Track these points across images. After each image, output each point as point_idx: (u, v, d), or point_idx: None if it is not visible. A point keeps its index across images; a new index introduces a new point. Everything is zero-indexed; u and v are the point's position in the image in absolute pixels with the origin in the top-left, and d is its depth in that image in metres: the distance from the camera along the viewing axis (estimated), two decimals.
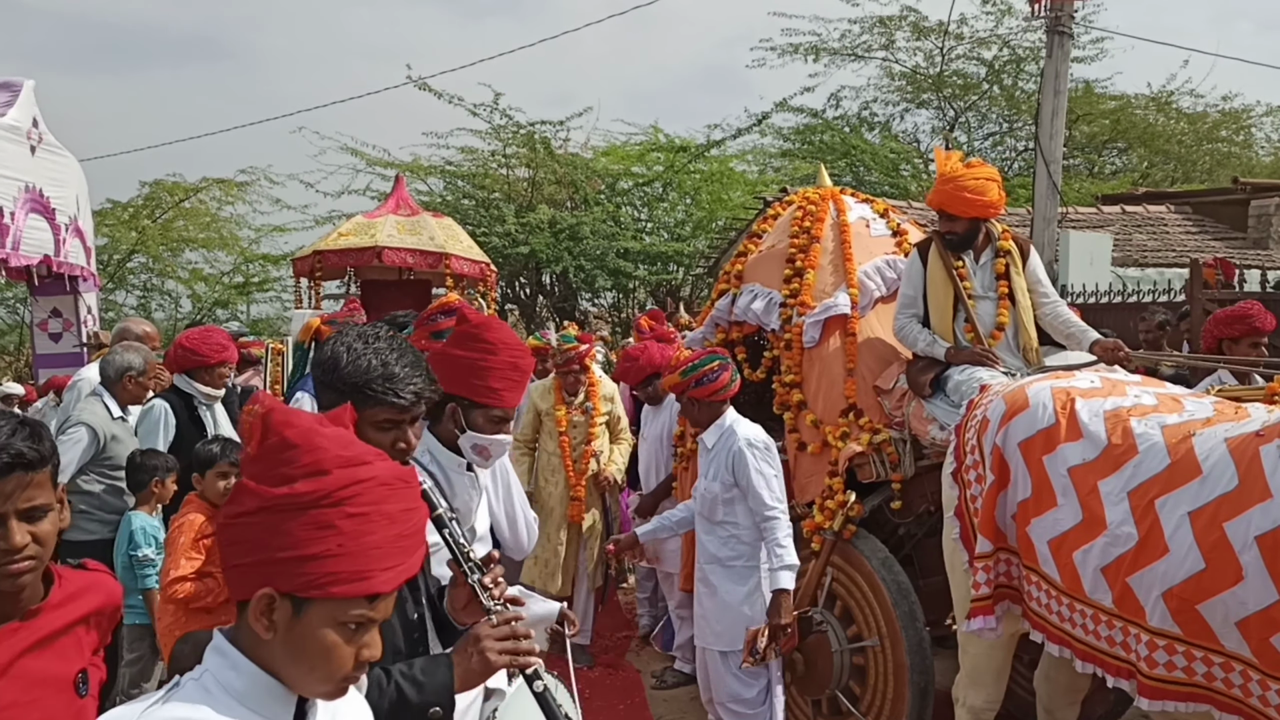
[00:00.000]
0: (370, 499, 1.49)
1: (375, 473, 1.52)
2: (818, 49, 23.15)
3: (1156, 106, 23.05)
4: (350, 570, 1.46)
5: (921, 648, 4.50)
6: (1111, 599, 3.34)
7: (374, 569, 1.47)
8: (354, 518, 1.47)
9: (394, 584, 1.51)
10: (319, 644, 1.47)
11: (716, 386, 4.50)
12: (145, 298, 19.19)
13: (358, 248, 9.50)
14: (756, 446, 4.43)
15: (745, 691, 4.49)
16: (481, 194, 17.03)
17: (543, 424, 6.37)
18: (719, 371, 4.51)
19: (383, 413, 2.23)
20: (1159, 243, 14.94)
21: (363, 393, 2.20)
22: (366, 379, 2.22)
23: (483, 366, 2.92)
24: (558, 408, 6.32)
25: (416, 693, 2.04)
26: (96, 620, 1.93)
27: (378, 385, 2.21)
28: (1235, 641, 3.05)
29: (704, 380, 4.51)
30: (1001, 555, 3.78)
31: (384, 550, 1.49)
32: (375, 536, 1.48)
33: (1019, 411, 3.72)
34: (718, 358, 4.62)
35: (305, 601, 1.46)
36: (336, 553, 1.45)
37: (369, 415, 2.20)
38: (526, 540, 3.59)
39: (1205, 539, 3.11)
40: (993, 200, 4.67)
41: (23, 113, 11.34)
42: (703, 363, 4.56)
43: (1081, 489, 3.47)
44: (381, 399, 2.21)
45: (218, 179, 18.63)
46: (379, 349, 2.26)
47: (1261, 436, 3.14)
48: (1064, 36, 9.93)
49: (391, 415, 2.24)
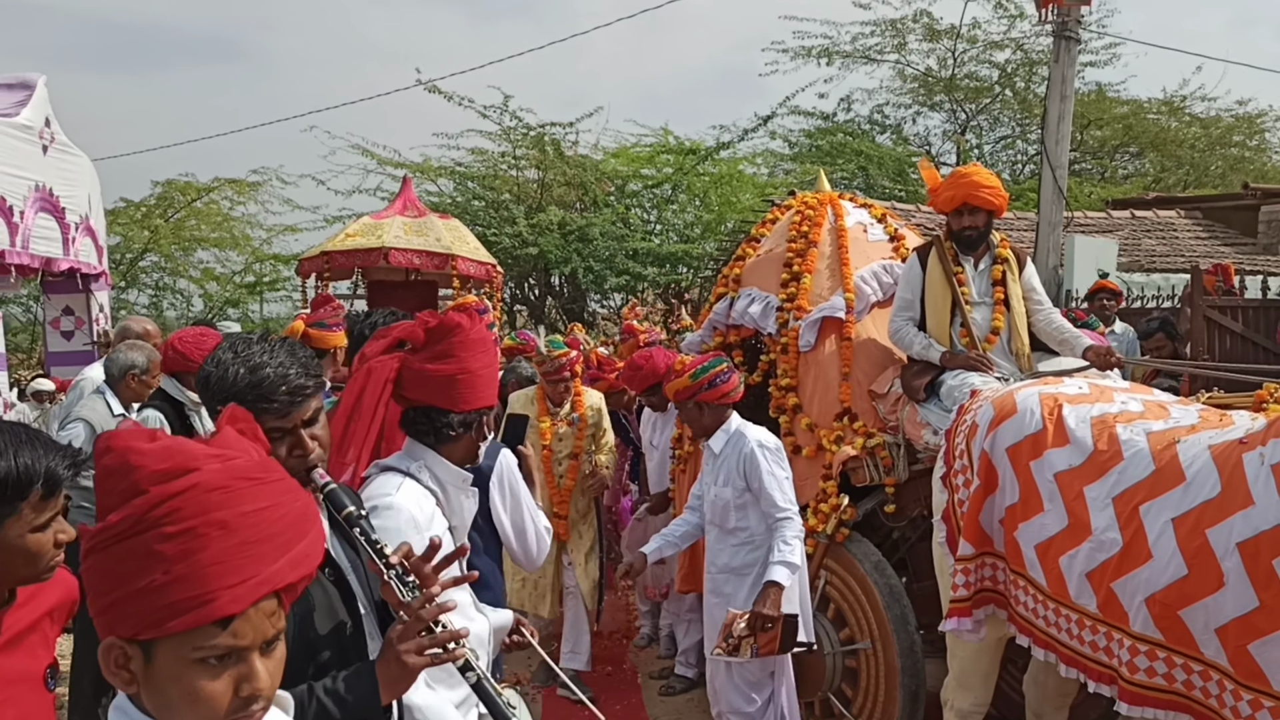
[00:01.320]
0: (194, 510, 1.28)
1: (199, 479, 1.30)
2: (829, 51, 23.17)
3: (1169, 111, 22.98)
4: (185, 598, 1.26)
5: (913, 651, 4.52)
6: (1096, 604, 3.37)
7: (215, 589, 1.26)
8: (176, 537, 1.27)
9: (248, 600, 1.30)
10: (181, 689, 1.28)
11: (727, 389, 4.52)
12: (157, 296, 19.32)
13: (364, 248, 9.55)
14: (768, 448, 4.44)
15: (745, 705, 4.49)
16: (491, 195, 17.09)
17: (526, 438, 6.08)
18: (729, 374, 4.54)
19: (266, 422, 1.97)
20: (1168, 248, 14.90)
21: (237, 400, 2.00)
22: (234, 391, 2.04)
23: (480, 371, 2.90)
24: (541, 419, 5.90)
25: (339, 709, 1.91)
26: (57, 615, 1.96)
27: (248, 396, 2.02)
28: (1214, 649, 3.06)
29: (715, 383, 4.51)
30: (987, 559, 3.81)
31: (226, 565, 1.28)
32: (209, 552, 1.27)
33: (1007, 417, 3.74)
34: (724, 360, 4.65)
35: (151, 644, 1.28)
36: (164, 580, 1.26)
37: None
38: (536, 551, 3.55)
39: (1188, 545, 3.14)
40: (1003, 194, 4.74)
41: (35, 112, 11.44)
42: (712, 365, 4.57)
43: (1068, 494, 3.50)
44: (253, 409, 1.92)
45: (230, 179, 18.77)
46: (249, 355, 2.08)
47: (1244, 444, 3.16)
48: (1070, 41, 9.91)
49: (274, 424, 2.04)
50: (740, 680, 4.49)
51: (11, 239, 10.84)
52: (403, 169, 16.61)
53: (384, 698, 1.94)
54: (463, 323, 2.91)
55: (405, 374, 2.84)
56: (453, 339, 2.86)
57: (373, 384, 2.81)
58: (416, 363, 2.83)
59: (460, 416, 2.83)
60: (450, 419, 2.83)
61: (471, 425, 2.88)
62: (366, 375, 2.85)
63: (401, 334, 2.91)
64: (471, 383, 2.86)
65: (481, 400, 2.89)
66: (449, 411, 2.82)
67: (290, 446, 2.08)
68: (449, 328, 2.87)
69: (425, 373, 2.82)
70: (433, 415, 2.83)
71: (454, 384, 2.84)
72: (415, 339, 2.89)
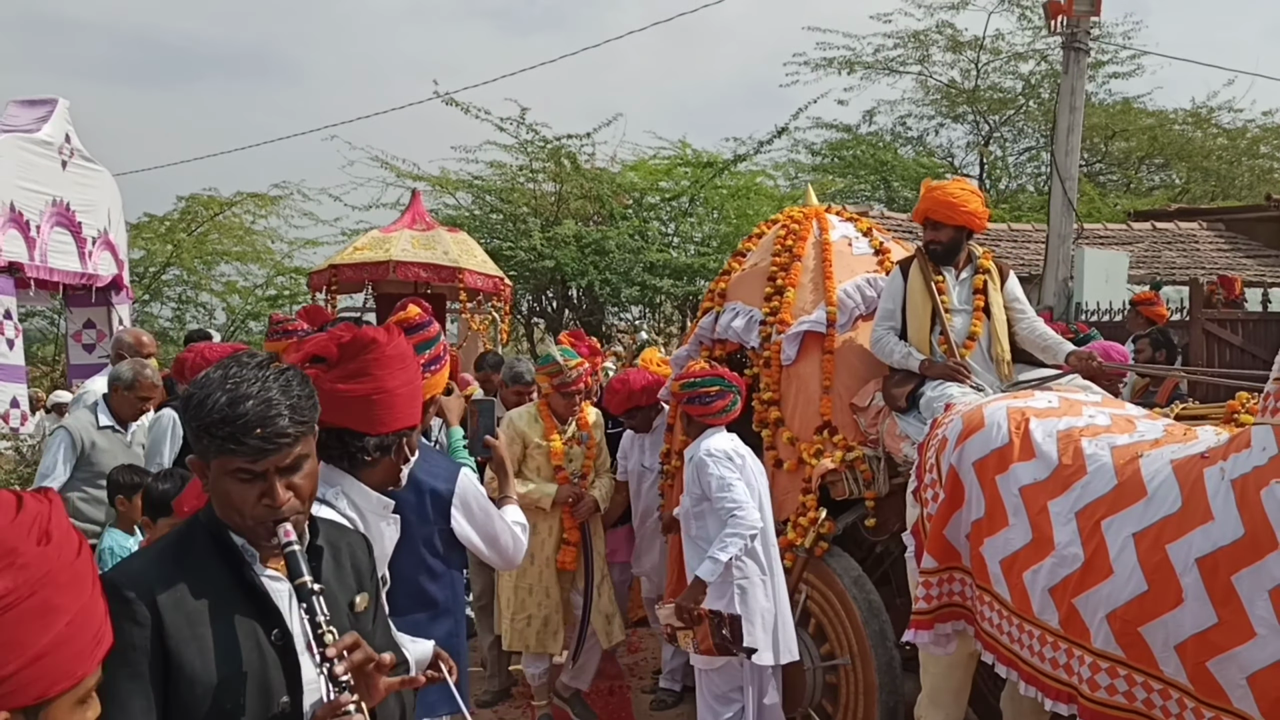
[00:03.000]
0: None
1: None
2: (852, 63, 23.16)
3: (1195, 122, 22.79)
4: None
5: (891, 667, 4.48)
6: (1058, 620, 3.33)
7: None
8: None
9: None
10: None
11: (707, 410, 4.61)
12: (180, 309, 19.54)
13: (372, 262, 9.62)
14: (715, 454, 4.48)
15: (709, 716, 4.54)
16: (508, 208, 17.16)
17: (528, 457, 5.44)
18: (714, 397, 4.60)
19: (233, 462, 1.84)
20: (1188, 260, 14.73)
21: (209, 436, 1.85)
22: (209, 421, 1.83)
23: (398, 390, 2.67)
24: (550, 437, 5.42)
25: None
26: None
27: (220, 431, 1.82)
28: (1174, 667, 3.02)
29: (695, 400, 4.62)
30: (955, 574, 3.78)
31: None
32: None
33: (974, 431, 3.71)
34: (720, 382, 4.66)
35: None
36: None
37: (223, 464, 1.85)
38: (513, 550, 3.34)
39: (1148, 561, 3.09)
40: (975, 210, 4.74)
41: (55, 129, 11.66)
42: (702, 383, 4.64)
43: (1032, 509, 3.46)
44: (223, 448, 1.83)
45: (251, 193, 18.96)
46: (237, 382, 1.85)
47: (1206, 459, 3.12)
48: (1080, 53, 9.87)
49: (244, 465, 1.84)
50: (708, 693, 4.55)
51: (29, 253, 11.04)
52: (421, 182, 16.71)
53: None
54: (378, 338, 2.71)
55: (318, 395, 2.48)
56: (367, 356, 2.64)
57: None
58: (327, 382, 2.58)
59: (376, 440, 2.63)
60: (365, 442, 2.62)
61: (390, 448, 2.67)
62: None
63: (314, 349, 2.69)
64: (389, 403, 2.65)
65: (400, 421, 2.68)
66: (364, 435, 2.62)
67: (260, 493, 1.86)
68: (363, 343, 2.67)
69: (337, 392, 2.58)
70: (346, 438, 2.62)
71: (369, 405, 2.62)
72: (328, 354, 2.67)
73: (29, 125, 11.21)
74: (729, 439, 4.63)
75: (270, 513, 1.85)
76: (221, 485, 1.86)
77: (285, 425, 1.85)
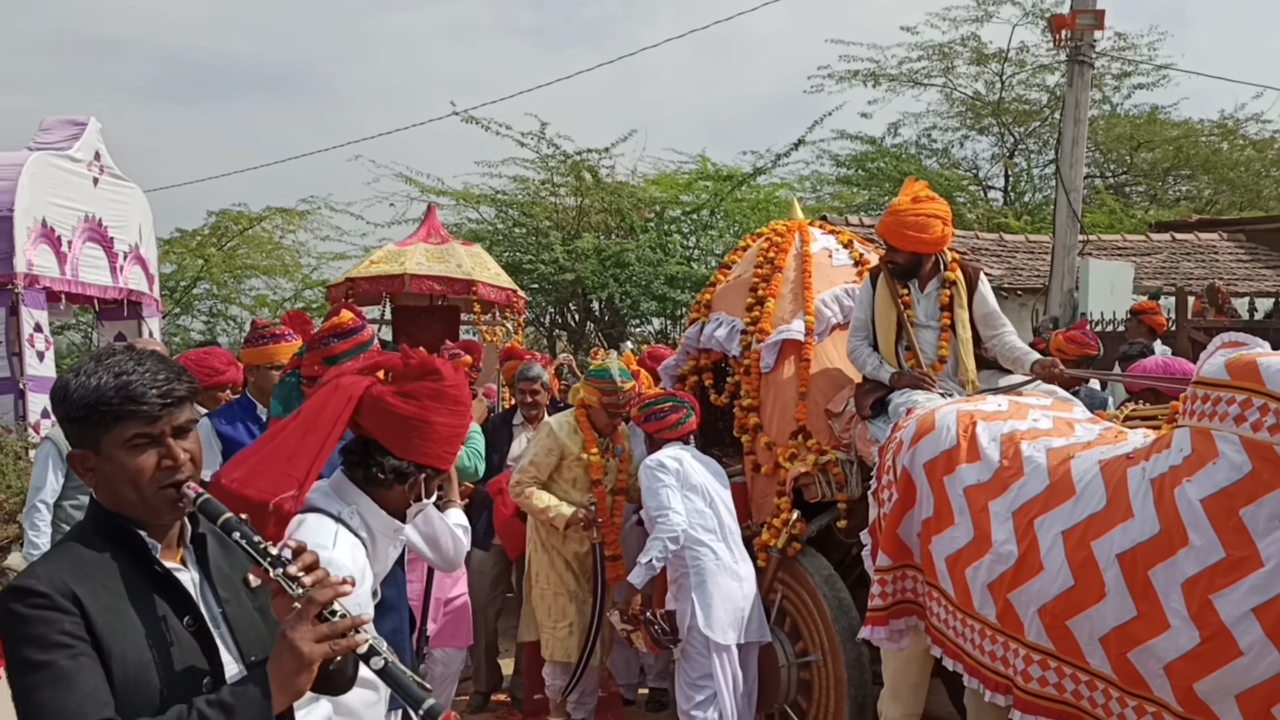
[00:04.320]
0: None
1: None
2: (876, 75, 23.26)
3: (1223, 134, 22.71)
4: None
5: (860, 663, 4.64)
6: (995, 614, 3.49)
7: None
8: None
9: None
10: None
11: (661, 425, 5.08)
12: (211, 322, 19.97)
13: (387, 275, 9.88)
14: (649, 465, 4.94)
15: (684, 704, 4.78)
16: (530, 222, 17.43)
17: (564, 467, 5.33)
18: (667, 413, 5.09)
19: (130, 429, 1.88)
20: (1206, 270, 14.72)
21: (99, 412, 1.88)
22: (99, 396, 1.87)
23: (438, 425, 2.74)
24: (590, 450, 5.29)
25: (225, 717, 1.73)
26: None
27: (114, 400, 1.87)
28: (1099, 659, 3.18)
29: (651, 418, 5.12)
30: (908, 571, 3.94)
31: None
32: None
33: (926, 434, 3.88)
34: (672, 399, 5.18)
35: None
36: None
37: (116, 437, 1.88)
38: (454, 552, 3.43)
39: (1075, 557, 3.26)
40: (933, 238, 4.79)
41: (87, 147, 12.04)
42: (655, 402, 5.19)
43: (974, 508, 3.62)
44: (120, 412, 1.87)
45: (280, 208, 19.37)
46: (113, 363, 1.90)
47: (1131, 459, 3.28)
48: (1084, 66, 10.00)
49: (141, 429, 1.88)
50: (682, 680, 4.81)
51: (61, 268, 11.40)
52: (444, 196, 17.01)
53: (277, 702, 1.75)
54: (444, 372, 2.79)
55: (367, 400, 2.72)
56: (427, 383, 2.74)
57: (336, 399, 2.71)
58: (381, 391, 2.72)
59: (396, 463, 2.69)
60: (386, 461, 2.68)
61: (406, 477, 2.73)
62: (333, 390, 2.76)
63: (383, 361, 2.84)
64: (425, 433, 2.71)
65: (428, 456, 2.74)
66: (389, 453, 2.68)
67: (159, 457, 1.89)
68: (428, 369, 2.77)
69: (384, 404, 2.69)
70: (371, 450, 2.69)
71: (407, 426, 2.69)
72: (394, 368, 2.80)
73: (59, 143, 11.57)
74: (672, 450, 5.01)
75: (171, 474, 1.89)
76: (115, 464, 1.89)
77: (176, 385, 1.91)
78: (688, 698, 4.75)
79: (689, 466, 4.94)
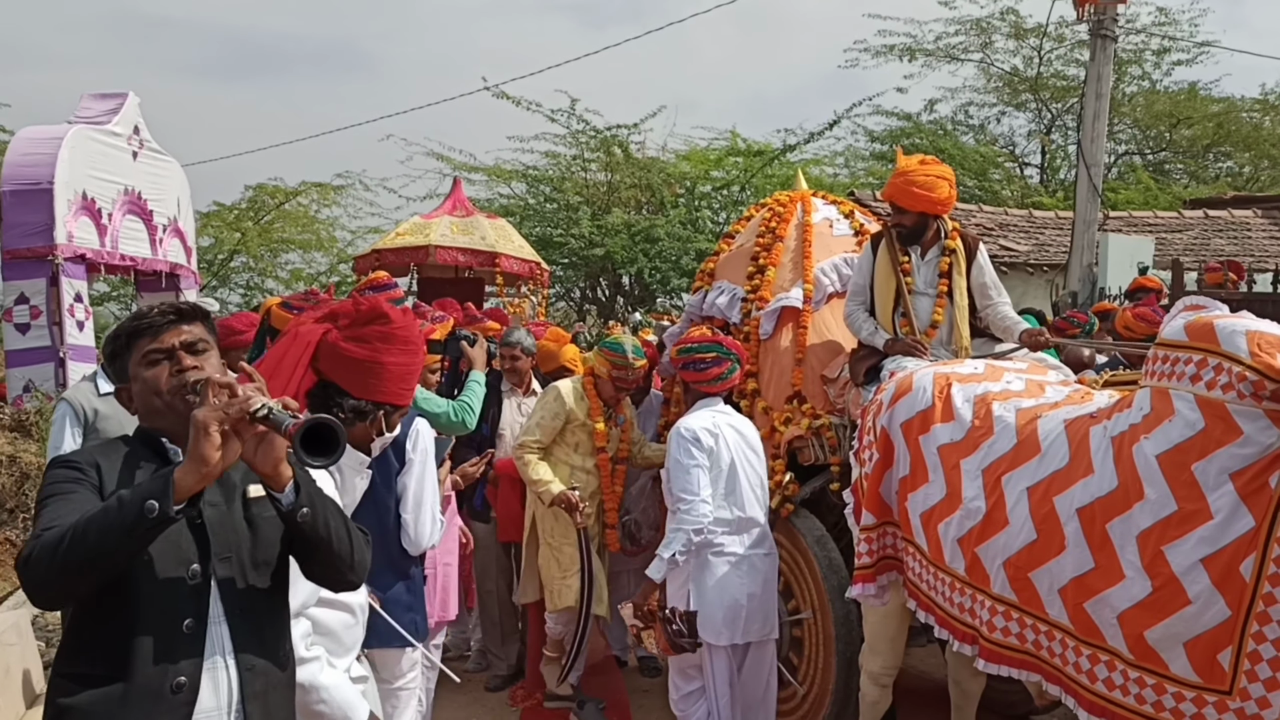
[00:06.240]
0: None
1: None
2: (913, 50, 23.14)
3: (1263, 109, 22.40)
4: None
5: (848, 620, 4.76)
6: (964, 567, 3.61)
7: None
8: None
9: None
10: None
11: (702, 376, 4.72)
12: (248, 295, 20.33)
13: (413, 246, 10.09)
14: (684, 434, 4.51)
15: (673, 692, 4.77)
16: (561, 197, 17.60)
17: (566, 433, 5.38)
18: (709, 364, 4.70)
19: (144, 345, 2.19)
20: (1238, 247, 14.61)
21: (122, 340, 2.23)
22: (120, 331, 2.25)
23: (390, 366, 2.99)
24: (595, 419, 5.36)
25: (130, 495, 1.93)
26: None
27: (127, 328, 2.23)
28: (1057, 609, 3.29)
29: (690, 366, 4.74)
30: (888, 529, 4.07)
31: None
32: None
33: (903, 395, 4.00)
34: (717, 348, 4.74)
35: None
36: None
37: (137, 359, 2.21)
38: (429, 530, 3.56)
39: (1038, 512, 3.37)
40: (940, 197, 4.90)
41: (126, 121, 12.30)
42: (698, 349, 4.75)
43: (947, 466, 3.75)
44: (134, 330, 2.21)
45: (315, 183, 19.70)
46: (139, 310, 2.31)
47: (1094, 419, 3.39)
48: (1107, 40, 9.95)
49: (151, 344, 2.18)
50: (673, 666, 4.74)
51: (100, 239, 11.70)
52: (476, 173, 17.20)
53: (182, 477, 1.91)
54: (393, 315, 3.01)
55: (323, 346, 2.97)
56: (376, 326, 2.97)
57: (295, 347, 2.96)
58: (336, 337, 2.96)
59: (355, 402, 2.92)
60: (345, 401, 2.91)
61: (366, 415, 2.97)
62: (293, 338, 3.00)
63: (338, 308, 3.08)
64: (378, 373, 2.95)
65: (384, 395, 2.99)
66: (347, 394, 2.91)
67: (170, 368, 2.18)
68: (376, 314, 2.99)
69: (339, 349, 2.95)
70: (331, 392, 2.91)
71: (361, 368, 2.93)
72: (347, 315, 3.02)
73: (99, 117, 11.82)
74: (709, 415, 4.65)
75: (181, 378, 2.16)
76: (140, 381, 2.20)
77: (180, 309, 2.24)
78: (676, 686, 4.70)
79: (724, 443, 4.53)
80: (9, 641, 4.93)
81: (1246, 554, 2.82)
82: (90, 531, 1.90)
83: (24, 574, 1.96)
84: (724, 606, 4.47)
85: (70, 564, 1.90)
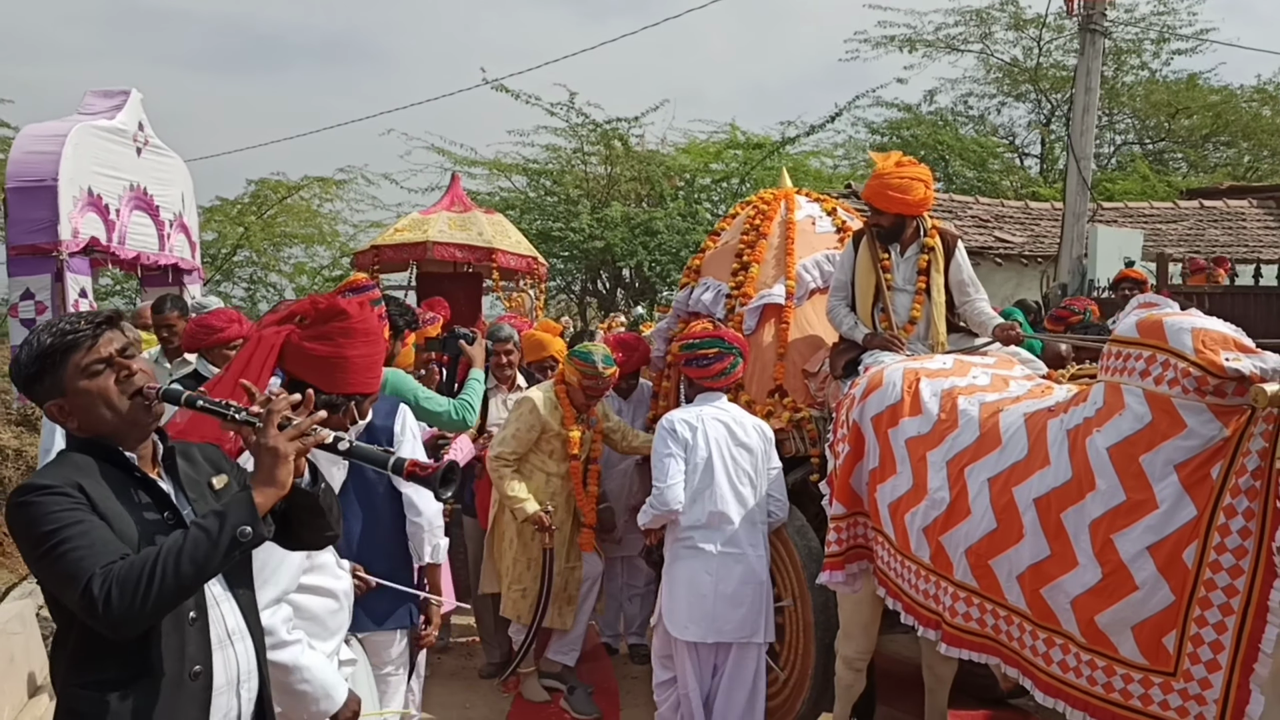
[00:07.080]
0: None
1: None
2: (913, 41, 23.21)
3: (1262, 99, 22.46)
4: None
5: (827, 607, 4.89)
6: (929, 556, 3.76)
7: None
8: None
9: None
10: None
11: (705, 373, 4.81)
12: (251, 289, 20.50)
13: (410, 242, 10.19)
14: (662, 424, 4.71)
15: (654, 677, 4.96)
16: (561, 190, 17.73)
17: (541, 442, 5.44)
18: (712, 359, 4.78)
19: (79, 358, 2.17)
20: (1232, 238, 14.72)
21: (51, 357, 2.18)
22: (45, 349, 2.19)
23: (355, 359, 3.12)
24: (569, 427, 5.42)
25: (218, 523, 2.05)
26: None
27: (56, 346, 2.17)
28: (1015, 595, 3.43)
29: (693, 362, 4.84)
30: (859, 519, 4.21)
31: None
32: None
33: (874, 389, 4.14)
34: (719, 344, 4.82)
35: None
36: None
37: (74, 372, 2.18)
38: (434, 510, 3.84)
39: (999, 502, 3.51)
40: (915, 199, 5.01)
41: (129, 118, 12.44)
42: (701, 344, 4.83)
43: (914, 458, 3.89)
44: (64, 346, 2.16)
45: (318, 177, 19.83)
46: (41, 328, 2.22)
47: (1052, 412, 3.52)
48: (1096, 34, 10.06)
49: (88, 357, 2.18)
50: (654, 649, 4.93)
51: (108, 235, 11.84)
52: (476, 166, 17.33)
53: (263, 496, 2.08)
54: (350, 310, 3.12)
55: (287, 347, 3.07)
56: (336, 323, 3.08)
57: (259, 351, 3.04)
58: (299, 338, 3.07)
59: (325, 397, 3.01)
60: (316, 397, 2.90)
61: (338, 408, 3.11)
62: (256, 343, 3.08)
63: (296, 309, 3.17)
64: (345, 368, 3.09)
65: (352, 387, 3.13)
66: (318, 390, 2.91)
67: (117, 374, 2.19)
68: (335, 312, 3.10)
69: (303, 349, 3.06)
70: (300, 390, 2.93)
71: (327, 365, 3.06)
72: (306, 315, 3.13)
73: (103, 114, 11.94)
74: (696, 409, 4.74)
75: (131, 382, 2.20)
76: (84, 394, 2.18)
77: (100, 318, 2.24)
78: (654, 673, 4.91)
79: (703, 437, 4.61)
80: (13, 630, 5.08)
81: (1189, 542, 2.95)
82: (183, 562, 2.01)
83: (108, 615, 1.97)
84: (689, 602, 4.56)
85: (166, 596, 2.00)
